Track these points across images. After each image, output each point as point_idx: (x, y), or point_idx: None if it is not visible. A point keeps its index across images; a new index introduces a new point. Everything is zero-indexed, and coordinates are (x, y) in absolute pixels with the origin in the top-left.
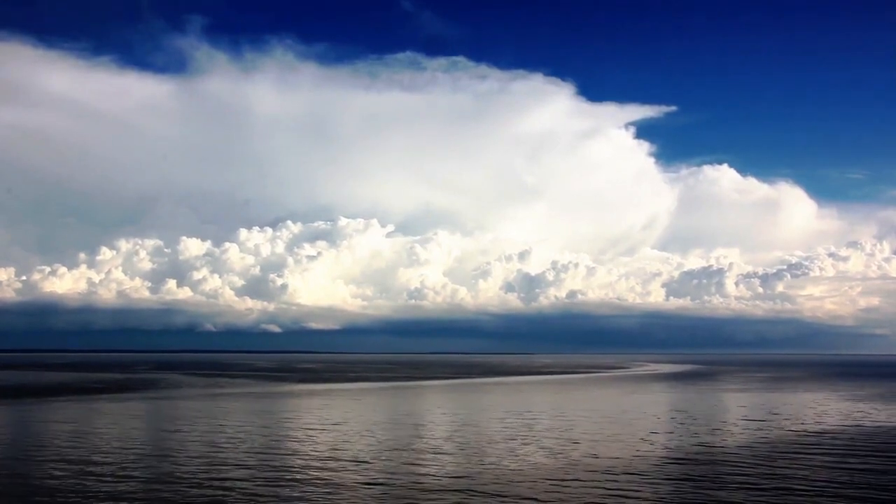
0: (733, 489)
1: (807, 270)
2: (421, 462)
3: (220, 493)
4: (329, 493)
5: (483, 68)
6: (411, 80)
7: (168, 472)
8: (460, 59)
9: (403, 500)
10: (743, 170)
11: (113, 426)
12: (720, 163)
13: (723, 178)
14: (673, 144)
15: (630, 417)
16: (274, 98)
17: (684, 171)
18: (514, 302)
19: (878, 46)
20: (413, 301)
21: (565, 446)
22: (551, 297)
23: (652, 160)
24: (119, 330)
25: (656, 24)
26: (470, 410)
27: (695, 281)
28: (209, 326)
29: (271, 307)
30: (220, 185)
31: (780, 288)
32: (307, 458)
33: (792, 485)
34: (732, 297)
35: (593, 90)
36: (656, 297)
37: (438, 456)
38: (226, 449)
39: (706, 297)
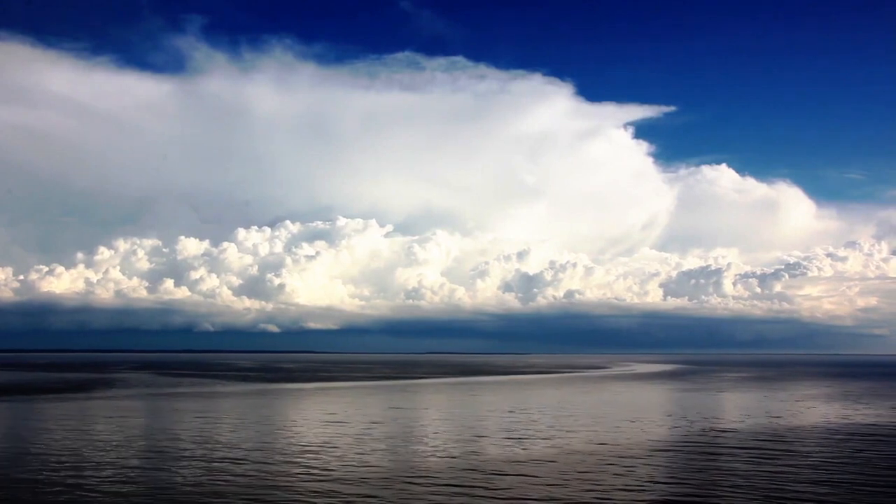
0: (560, 487)
1: (805, 270)
2: (286, 461)
3: (76, 494)
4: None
5: (482, 68)
6: (410, 80)
7: (34, 469)
8: (459, 58)
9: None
10: (742, 170)
11: (23, 422)
12: (719, 163)
13: (721, 177)
14: (672, 144)
15: (543, 416)
16: (273, 98)
17: (683, 171)
18: (512, 302)
19: (879, 46)
20: (411, 301)
21: (450, 443)
22: (549, 297)
23: (651, 160)
24: (117, 330)
25: (656, 24)
26: (398, 409)
27: (693, 281)
28: (207, 326)
29: (269, 307)
30: (219, 185)
31: (778, 288)
32: (189, 453)
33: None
34: (730, 297)
35: (592, 90)
36: (654, 297)
37: (315, 454)
38: (113, 449)
39: (704, 297)
